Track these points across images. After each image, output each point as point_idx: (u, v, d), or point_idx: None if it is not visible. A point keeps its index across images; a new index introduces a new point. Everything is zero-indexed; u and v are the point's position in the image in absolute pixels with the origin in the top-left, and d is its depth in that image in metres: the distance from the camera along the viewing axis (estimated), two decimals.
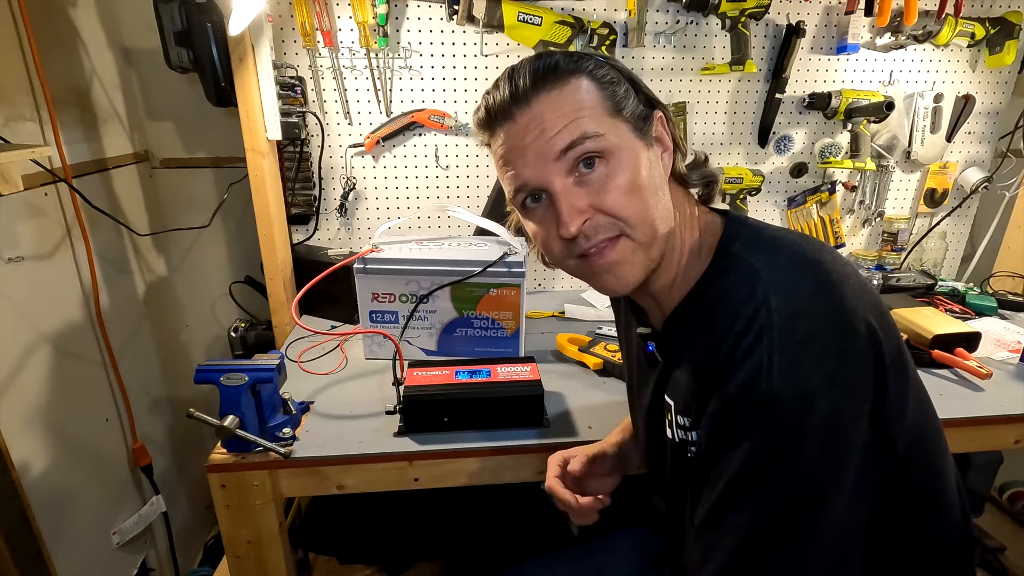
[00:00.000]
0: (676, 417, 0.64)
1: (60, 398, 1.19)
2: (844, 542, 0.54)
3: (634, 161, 0.59)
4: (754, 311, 0.53)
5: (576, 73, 0.59)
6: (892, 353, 0.54)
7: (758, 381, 0.51)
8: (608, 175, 0.58)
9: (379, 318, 1.18)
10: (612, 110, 0.59)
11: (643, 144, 0.60)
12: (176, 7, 1.23)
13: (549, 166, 0.58)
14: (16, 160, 0.96)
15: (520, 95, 0.58)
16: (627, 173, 0.58)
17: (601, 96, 0.59)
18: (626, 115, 0.60)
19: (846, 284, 0.55)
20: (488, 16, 1.31)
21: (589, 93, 0.59)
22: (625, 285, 0.62)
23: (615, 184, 0.58)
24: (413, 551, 1.44)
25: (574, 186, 0.59)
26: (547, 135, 0.58)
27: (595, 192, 0.58)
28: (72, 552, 1.18)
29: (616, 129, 0.59)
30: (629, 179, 0.58)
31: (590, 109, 0.58)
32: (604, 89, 0.59)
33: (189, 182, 1.56)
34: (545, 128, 0.58)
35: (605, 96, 0.59)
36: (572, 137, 0.57)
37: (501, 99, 0.60)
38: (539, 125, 0.58)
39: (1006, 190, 1.61)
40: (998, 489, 1.67)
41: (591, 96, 0.59)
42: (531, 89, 0.58)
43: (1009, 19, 1.47)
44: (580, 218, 0.58)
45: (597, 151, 0.58)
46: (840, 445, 0.52)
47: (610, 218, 0.59)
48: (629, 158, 0.59)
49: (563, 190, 0.59)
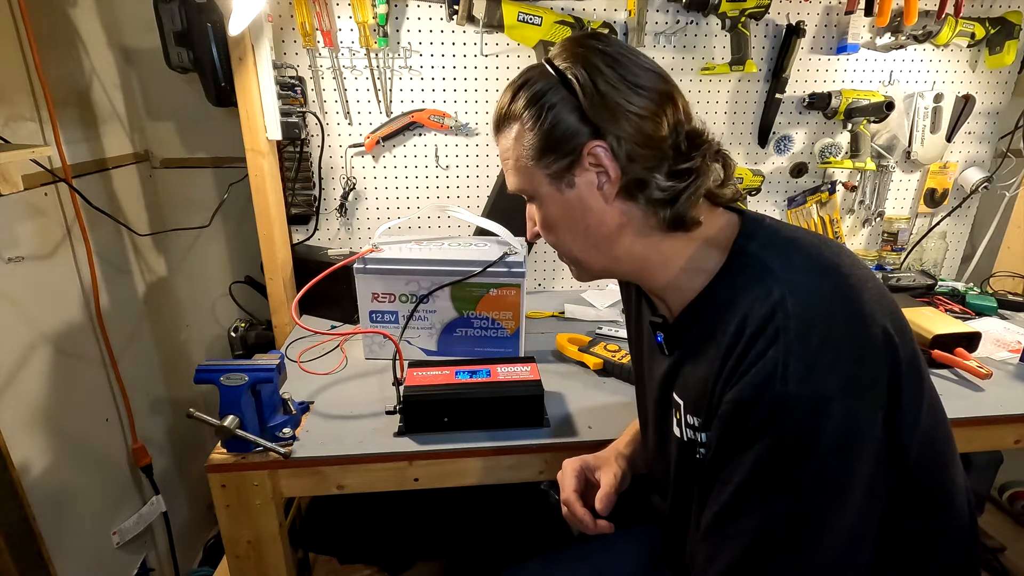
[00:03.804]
0: (685, 416, 0.64)
1: (60, 398, 1.19)
2: (853, 547, 0.54)
3: (548, 205, 0.66)
4: (770, 313, 0.53)
5: (512, 120, 0.64)
6: (908, 359, 0.54)
7: (772, 384, 0.51)
8: (535, 210, 0.68)
9: (379, 318, 1.18)
10: (533, 156, 0.63)
11: (555, 189, 0.64)
12: (176, 7, 1.23)
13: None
14: (16, 160, 0.96)
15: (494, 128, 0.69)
16: (543, 212, 0.67)
17: (527, 143, 0.63)
18: (545, 160, 0.62)
19: (864, 288, 0.55)
20: (488, 16, 1.31)
21: (518, 140, 0.64)
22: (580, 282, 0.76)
23: (540, 218, 0.68)
24: (413, 551, 1.44)
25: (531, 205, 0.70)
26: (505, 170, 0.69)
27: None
28: (72, 552, 1.18)
29: (532, 177, 0.65)
30: (548, 218, 0.67)
31: (515, 158, 0.65)
32: (531, 131, 0.62)
33: (189, 182, 1.56)
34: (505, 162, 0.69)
35: (530, 144, 0.63)
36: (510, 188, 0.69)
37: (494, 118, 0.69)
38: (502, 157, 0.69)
39: (1006, 190, 1.61)
40: (998, 489, 1.67)
41: (519, 143, 0.64)
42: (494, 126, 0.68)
43: (1009, 19, 1.47)
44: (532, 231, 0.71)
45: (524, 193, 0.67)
46: (853, 451, 0.51)
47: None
48: (544, 202, 0.66)
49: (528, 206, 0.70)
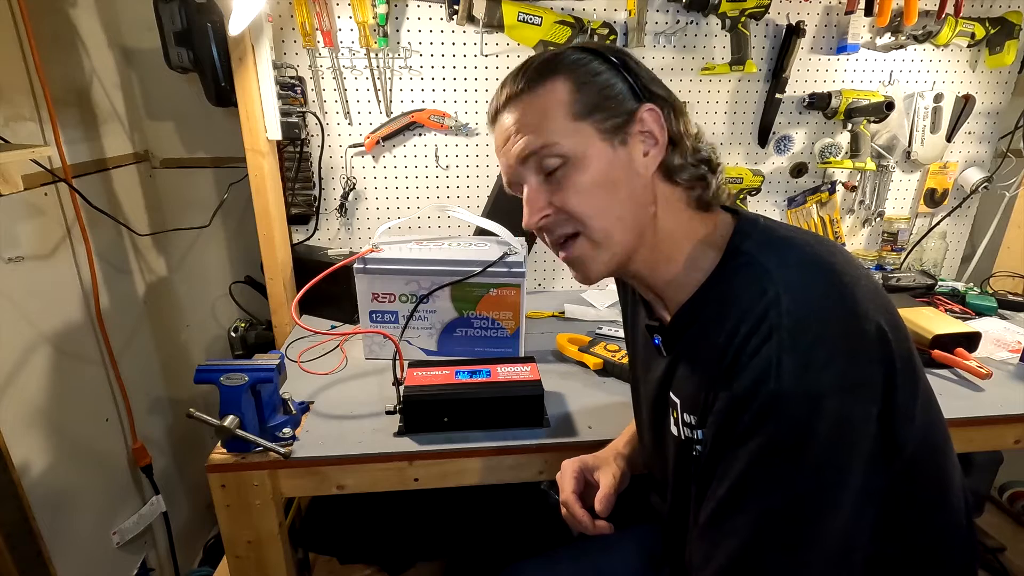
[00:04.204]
0: (682, 415, 0.64)
1: (60, 398, 1.19)
2: (848, 544, 0.54)
3: (593, 163, 0.62)
4: (764, 310, 0.53)
5: (552, 77, 0.62)
6: (902, 356, 0.54)
7: (767, 381, 0.51)
8: (565, 176, 0.62)
9: (379, 318, 1.18)
10: (580, 113, 0.61)
11: (608, 145, 0.62)
12: (176, 7, 1.23)
13: (517, 168, 0.65)
14: (16, 160, 0.96)
15: (502, 104, 0.65)
16: (584, 174, 0.62)
17: (570, 100, 0.61)
18: (596, 116, 0.61)
19: (858, 286, 0.55)
20: (488, 16, 1.31)
21: (557, 98, 0.62)
22: (587, 279, 0.67)
23: (570, 184, 0.62)
24: (413, 551, 1.44)
25: (541, 184, 0.64)
26: (511, 143, 0.64)
27: (555, 191, 0.63)
28: (72, 552, 1.18)
29: (577, 133, 0.61)
30: (586, 180, 0.62)
31: (552, 117, 0.62)
32: (577, 91, 0.61)
33: (189, 182, 1.56)
34: (510, 136, 0.64)
35: (575, 100, 0.61)
36: (530, 149, 0.62)
37: (494, 104, 0.67)
38: (506, 133, 0.65)
39: (1006, 190, 1.61)
40: (998, 489, 1.67)
41: (558, 100, 0.62)
42: (512, 96, 0.64)
43: (1009, 19, 1.47)
44: (538, 215, 0.64)
45: (553, 156, 0.62)
46: (847, 447, 0.51)
47: (567, 216, 0.63)
48: (587, 161, 0.62)
49: (529, 189, 0.65)
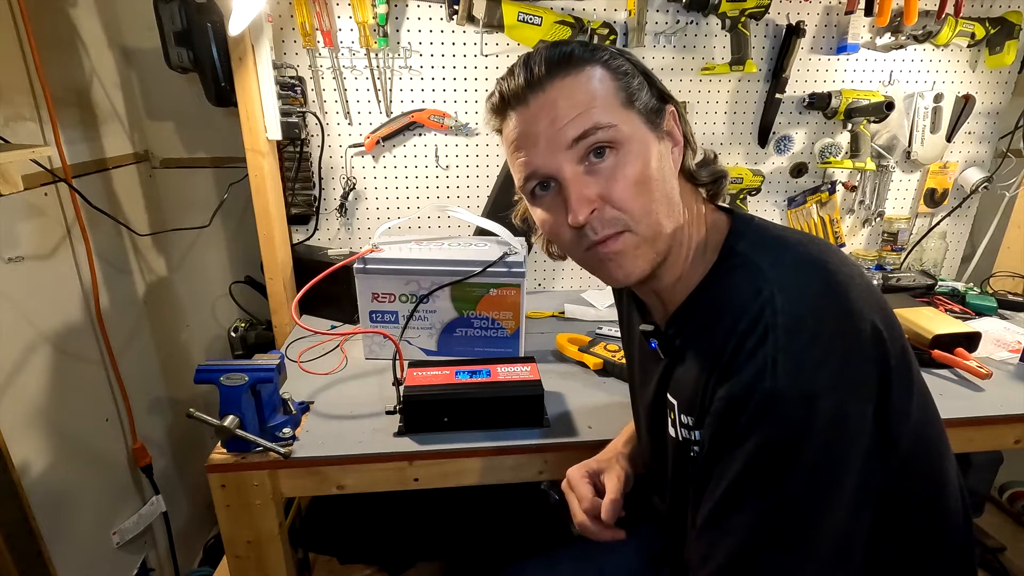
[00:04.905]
0: (679, 416, 0.64)
1: (60, 398, 1.19)
2: (845, 543, 0.54)
3: (644, 153, 0.59)
4: (759, 310, 0.53)
5: (591, 62, 0.59)
6: (897, 355, 0.54)
7: (762, 380, 0.51)
8: (617, 165, 0.58)
9: (379, 318, 1.18)
10: (625, 101, 0.59)
11: (654, 137, 0.60)
12: (176, 7, 1.22)
13: (560, 154, 0.58)
14: (16, 160, 0.96)
15: (535, 81, 0.58)
16: (636, 164, 0.58)
17: (614, 87, 0.59)
18: (638, 107, 0.60)
19: (851, 285, 0.55)
20: (488, 16, 1.31)
21: (603, 83, 0.59)
22: (628, 276, 0.62)
23: (623, 174, 0.58)
24: (413, 551, 1.44)
25: (584, 175, 0.59)
26: (559, 123, 0.58)
27: (604, 181, 0.58)
28: (72, 552, 1.18)
29: (628, 120, 0.59)
30: (638, 170, 0.58)
31: (603, 99, 0.58)
32: (618, 80, 0.59)
33: (189, 182, 1.56)
34: (557, 116, 0.58)
35: (618, 87, 0.59)
36: (584, 127, 0.57)
37: (516, 84, 0.59)
38: (551, 113, 0.58)
39: (1006, 190, 1.61)
40: (998, 489, 1.67)
41: (604, 86, 0.59)
42: (546, 75, 0.58)
43: (1009, 19, 1.47)
44: (589, 207, 0.58)
45: (608, 141, 0.58)
46: (843, 446, 0.52)
47: (616, 211, 0.59)
48: (639, 149, 0.59)
49: (573, 178, 0.59)
